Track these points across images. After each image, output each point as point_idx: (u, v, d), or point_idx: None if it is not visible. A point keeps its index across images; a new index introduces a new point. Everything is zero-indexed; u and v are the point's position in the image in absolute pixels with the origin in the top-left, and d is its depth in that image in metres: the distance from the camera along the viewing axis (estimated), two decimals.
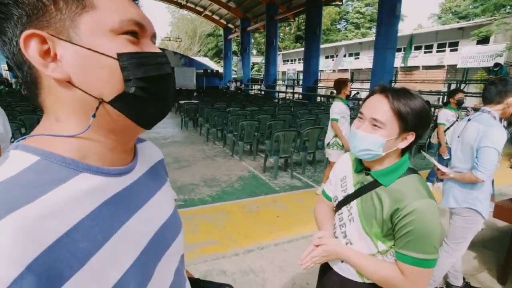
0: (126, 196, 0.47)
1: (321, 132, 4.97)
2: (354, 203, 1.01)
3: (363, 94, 14.32)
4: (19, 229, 0.31)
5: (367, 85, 13.97)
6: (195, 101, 10.40)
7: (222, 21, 25.27)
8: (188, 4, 23.80)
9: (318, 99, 15.13)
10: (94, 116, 0.41)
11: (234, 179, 4.61)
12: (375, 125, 0.91)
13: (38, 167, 0.38)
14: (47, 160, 0.39)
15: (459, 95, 3.99)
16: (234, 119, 6.28)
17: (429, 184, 4.26)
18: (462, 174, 1.94)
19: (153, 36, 0.47)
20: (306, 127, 5.22)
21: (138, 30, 0.43)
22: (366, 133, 0.92)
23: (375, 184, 0.97)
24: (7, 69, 19.73)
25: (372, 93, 0.98)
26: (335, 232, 1.10)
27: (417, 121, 0.89)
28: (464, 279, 2.29)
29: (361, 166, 1.03)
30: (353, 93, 16.03)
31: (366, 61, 25.05)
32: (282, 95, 17.83)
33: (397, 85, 13.07)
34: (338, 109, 3.53)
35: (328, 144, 3.70)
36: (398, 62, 12.94)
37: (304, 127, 5.76)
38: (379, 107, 0.90)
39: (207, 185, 4.29)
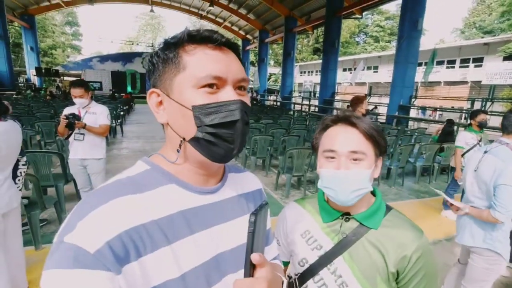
0: (203, 213, 0.55)
1: (313, 156, 4.75)
2: (339, 262, 0.81)
3: (381, 110, 13.95)
4: (121, 208, 0.46)
5: (385, 100, 13.61)
6: None
7: (241, 32, 25.65)
8: (209, 15, 24.36)
9: (335, 112, 14.89)
10: (178, 151, 0.54)
11: None
12: (355, 159, 0.76)
13: (146, 173, 0.54)
14: (153, 170, 0.55)
15: (481, 117, 3.68)
16: None
17: (446, 212, 3.93)
18: (479, 211, 1.77)
19: (241, 81, 0.55)
20: None
21: (216, 82, 0.51)
22: (350, 170, 0.76)
23: (362, 230, 0.81)
24: (35, 74, 20.63)
25: (325, 126, 0.83)
26: None
27: (385, 142, 0.80)
28: None
29: (336, 212, 0.84)
30: (370, 107, 15.69)
31: (385, 74, 24.62)
32: (298, 106, 17.68)
33: (417, 101, 12.68)
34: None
35: None
36: (418, 76, 12.57)
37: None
38: (351, 138, 0.77)
39: None
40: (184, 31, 0.53)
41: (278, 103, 19.32)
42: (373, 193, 0.87)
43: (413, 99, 11.38)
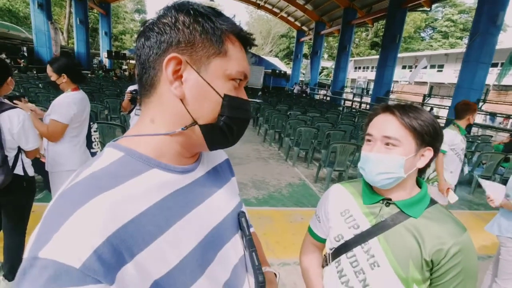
0: (189, 192, 0.54)
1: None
2: (373, 242, 0.84)
3: (441, 112, 12.79)
4: (104, 207, 0.40)
5: (447, 102, 12.44)
6: (259, 101, 10.61)
7: (296, 23, 25.25)
8: (266, 5, 24.34)
9: None
10: (184, 129, 0.51)
11: (284, 184, 4.56)
12: (388, 144, 0.81)
13: (121, 161, 0.48)
14: (129, 156, 0.49)
15: None
16: (293, 123, 6.21)
17: None
18: (507, 202, 1.89)
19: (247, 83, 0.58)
20: None
21: (243, 79, 0.54)
22: (381, 154, 0.81)
23: (401, 217, 0.83)
24: (107, 57, 22.89)
25: (374, 113, 0.88)
26: (344, 281, 0.89)
27: (433, 134, 0.80)
28: None
29: (377, 196, 0.88)
30: (428, 109, 14.47)
31: (451, 75, 22.36)
32: (348, 103, 17.04)
33: (486, 105, 11.35)
34: (449, 139, 2.79)
35: (427, 178, 2.99)
36: (491, 79, 11.22)
37: None
38: (389, 125, 0.81)
39: (255, 187, 4.33)
40: (233, 22, 0.53)
41: (328, 98, 18.82)
42: (419, 185, 0.89)
43: (481, 103, 10.24)
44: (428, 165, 0.85)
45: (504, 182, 5.10)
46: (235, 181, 0.76)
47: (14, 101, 1.92)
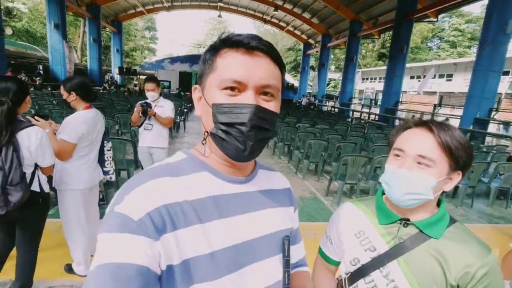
0: (232, 200, 0.60)
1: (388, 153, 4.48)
2: (393, 266, 0.78)
3: (453, 122, 12.57)
4: (159, 186, 0.53)
5: (458, 112, 12.22)
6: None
7: (303, 36, 25.58)
8: (273, 20, 24.82)
9: (397, 122, 13.87)
10: (203, 143, 0.63)
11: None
12: (420, 163, 0.74)
13: (184, 161, 0.61)
14: (190, 158, 0.62)
15: None
16: (302, 136, 6.17)
17: None
18: None
19: (265, 87, 0.57)
20: (379, 153, 4.79)
21: (237, 85, 0.56)
22: (412, 173, 0.74)
23: (421, 238, 0.78)
24: (118, 73, 23.52)
25: (406, 126, 0.82)
26: None
27: (467, 158, 0.75)
28: None
29: (394, 216, 0.82)
30: (439, 118, 14.25)
31: (460, 84, 22.08)
32: (356, 114, 16.93)
33: (499, 114, 11.11)
34: None
35: None
36: (503, 87, 11.00)
37: (377, 153, 5.31)
38: (425, 142, 0.75)
39: None
40: (220, 36, 0.59)
41: (336, 110, 18.75)
42: (437, 204, 0.84)
43: (494, 112, 10.01)
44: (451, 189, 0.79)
45: None
46: (292, 211, 0.75)
47: (36, 117, 1.95)
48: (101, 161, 2.34)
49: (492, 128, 11.33)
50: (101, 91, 16.05)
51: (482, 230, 3.93)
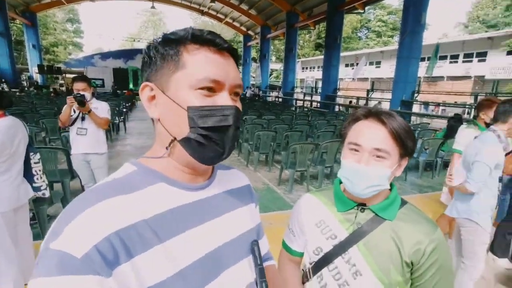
0: (194, 209, 0.55)
1: (340, 145, 4.77)
2: (353, 251, 0.82)
3: (384, 105, 13.88)
4: (108, 210, 0.46)
5: (388, 95, 13.56)
6: None
7: (242, 28, 25.53)
8: (210, 11, 24.23)
9: (337, 108, 14.83)
10: (167, 148, 0.55)
11: None
12: (378, 156, 0.77)
13: (134, 174, 0.54)
14: (140, 170, 0.55)
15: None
16: (250, 128, 6.18)
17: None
18: (460, 185, 2.04)
19: (237, 87, 0.56)
20: (324, 139, 5.04)
21: (213, 85, 0.52)
22: (370, 167, 0.78)
23: (377, 221, 0.82)
24: (37, 72, 20.67)
25: (356, 117, 0.84)
26: None
27: (413, 145, 0.80)
28: None
29: (351, 202, 0.86)
30: (373, 103, 15.61)
31: (387, 70, 24.47)
32: (300, 103, 17.63)
33: (420, 96, 12.59)
34: (466, 139, 2.39)
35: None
36: (421, 71, 12.48)
37: (322, 138, 5.58)
38: (379, 135, 0.77)
39: None
40: (188, 30, 0.53)
41: (280, 99, 19.28)
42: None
43: (416, 95, 11.32)
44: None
45: (445, 164, 5.60)
46: (254, 208, 0.74)
47: None
48: (29, 176, 2.00)
49: (415, 108, 12.79)
50: (17, 94, 13.98)
51: (414, 199, 4.42)
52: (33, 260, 2.11)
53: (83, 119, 3.01)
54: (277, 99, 20.14)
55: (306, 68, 36.24)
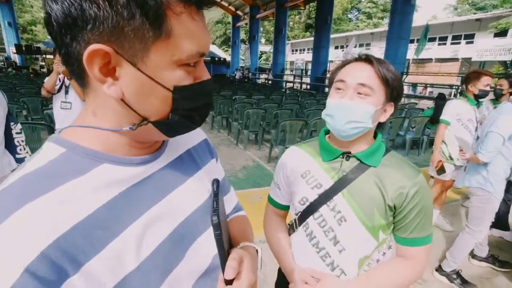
0: (148, 186, 0.47)
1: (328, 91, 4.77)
2: (338, 199, 0.83)
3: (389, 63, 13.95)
4: (36, 216, 0.34)
5: None
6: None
7: (230, 7, 24.78)
8: None
9: (326, 90, 14.82)
10: (133, 127, 0.42)
11: (238, 168, 4.49)
12: (360, 93, 0.78)
13: (63, 159, 0.41)
14: (72, 152, 0.42)
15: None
16: (240, 107, 6.11)
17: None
18: (472, 155, 2.08)
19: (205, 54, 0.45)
20: (314, 117, 5.04)
21: (198, 58, 0.42)
22: (353, 101, 0.78)
23: (362, 168, 0.83)
24: (15, 52, 19.68)
25: (346, 62, 0.85)
26: (315, 243, 0.88)
27: (399, 89, 0.81)
28: (489, 251, 2.41)
29: (337, 151, 0.86)
30: None
31: (377, 52, 24.41)
32: (289, 85, 17.53)
33: (409, 77, 12.69)
34: (454, 110, 2.59)
35: (449, 157, 2.73)
36: (410, 53, 12.53)
37: (311, 117, 5.58)
38: (364, 72, 0.79)
39: None
40: None
41: (270, 82, 19.10)
42: (374, 136, 0.90)
43: (404, 76, 11.40)
44: (385, 122, 0.85)
45: (431, 141, 5.71)
46: (215, 162, 0.68)
47: None
48: (11, 147, 1.92)
49: (404, 89, 12.91)
50: None
51: None
52: None
53: (66, 92, 2.90)
54: (266, 81, 19.94)
55: (296, 50, 35.80)
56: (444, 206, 3.45)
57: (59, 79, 2.84)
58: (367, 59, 0.80)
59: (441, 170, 2.68)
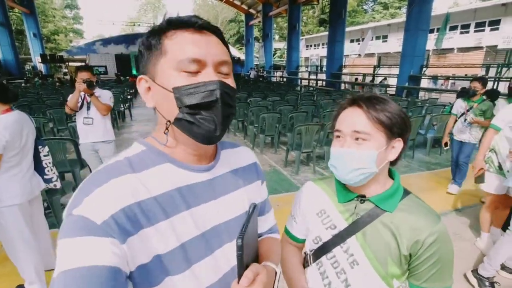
0: (198, 189, 0.60)
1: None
2: (352, 242, 0.82)
3: (391, 81, 13.53)
4: (122, 186, 0.51)
5: (395, 71, 13.17)
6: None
7: (243, 6, 24.78)
8: None
9: (343, 86, 14.55)
10: (166, 133, 0.58)
11: None
12: (358, 139, 0.77)
13: (143, 154, 0.59)
14: (149, 150, 0.59)
15: (472, 84, 3.50)
16: (255, 110, 6.13)
17: (453, 186, 3.80)
18: None
19: (222, 63, 0.57)
20: (330, 119, 4.97)
21: (195, 64, 0.53)
22: (351, 149, 0.78)
23: (377, 212, 0.81)
24: (40, 61, 20.64)
25: (341, 108, 0.84)
26: (327, 283, 0.88)
27: (401, 124, 0.78)
28: None
29: (351, 194, 0.85)
30: (379, 79, 15.24)
31: (395, 44, 23.68)
32: (305, 82, 17.34)
33: (429, 70, 12.20)
34: (507, 116, 2.36)
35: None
36: (430, 44, 12.04)
37: (328, 118, 5.52)
38: (357, 119, 0.78)
39: None
40: (165, 19, 0.56)
41: (285, 79, 18.97)
42: (392, 176, 0.88)
43: (424, 69, 10.99)
44: (399, 158, 0.83)
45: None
46: (260, 184, 0.77)
47: None
48: (39, 169, 2.05)
49: (424, 83, 12.47)
50: (23, 84, 14.05)
51: (422, 177, 4.41)
52: (50, 247, 2.20)
53: (88, 108, 3.03)
54: (281, 79, 19.82)
55: (311, 46, 35.29)
56: (469, 210, 3.34)
57: (81, 97, 2.97)
58: (357, 103, 0.79)
59: (480, 179, 2.49)
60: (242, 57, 26.99)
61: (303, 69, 23.66)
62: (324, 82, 15.45)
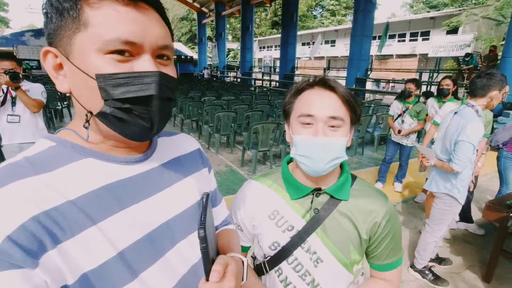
0: (132, 184, 0.50)
1: (284, 124, 4.77)
2: (312, 239, 0.76)
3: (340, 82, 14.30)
4: (20, 193, 0.39)
5: (343, 73, 13.98)
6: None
7: (195, 4, 24.17)
8: None
9: None
10: (86, 127, 0.46)
11: None
12: (333, 126, 0.70)
13: (52, 150, 0.46)
14: (60, 145, 0.47)
15: (406, 86, 3.63)
16: (209, 109, 5.93)
17: (397, 184, 3.98)
18: (442, 163, 2.07)
19: (164, 48, 0.46)
20: None
21: (129, 48, 0.43)
22: (329, 137, 0.70)
23: (333, 203, 0.77)
24: None
25: (300, 89, 0.75)
26: None
27: (359, 110, 0.75)
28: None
29: (306, 188, 0.78)
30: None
31: (342, 48, 25.17)
32: (258, 82, 17.50)
33: (373, 73, 13.17)
34: (443, 111, 3.07)
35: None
36: (373, 50, 13.00)
37: (282, 118, 5.56)
38: (331, 102, 0.70)
39: None
40: None
41: (239, 79, 18.94)
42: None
43: (368, 72, 11.81)
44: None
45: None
46: (207, 173, 0.69)
47: None
48: None
49: (368, 85, 13.40)
50: None
51: (373, 172, 4.66)
52: None
53: (13, 104, 2.58)
54: (235, 79, 19.76)
55: (264, 47, 35.87)
56: (402, 204, 3.59)
57: (2, 90, 2.51)
58: (327, 84, 0.72)
59: (423, 167, 2.67)
60: (195, 56, 26.32)
61: (257, 70, 23.91)
62: (277, 83, 15.75)
